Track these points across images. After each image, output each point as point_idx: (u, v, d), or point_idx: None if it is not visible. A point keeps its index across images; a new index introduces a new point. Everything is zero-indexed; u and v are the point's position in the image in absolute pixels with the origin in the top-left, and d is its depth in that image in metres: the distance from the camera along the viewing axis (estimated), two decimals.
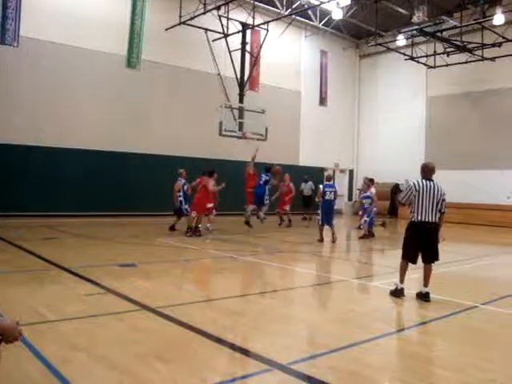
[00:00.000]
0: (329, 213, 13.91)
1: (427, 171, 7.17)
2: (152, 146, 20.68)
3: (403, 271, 7.22)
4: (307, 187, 23.39)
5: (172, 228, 14.98)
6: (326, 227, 13.96)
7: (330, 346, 4.87)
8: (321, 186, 14.40)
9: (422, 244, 7.07)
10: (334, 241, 13.82)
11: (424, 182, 7.02)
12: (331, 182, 14.45)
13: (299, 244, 14.13)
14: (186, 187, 15.00)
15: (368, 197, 15.78)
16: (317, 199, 14.47)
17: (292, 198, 19.58)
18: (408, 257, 7.19)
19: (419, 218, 6.96)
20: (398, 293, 7.16)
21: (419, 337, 5.56)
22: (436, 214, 6.95)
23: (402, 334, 5.54)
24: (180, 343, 4.92)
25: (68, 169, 18.67)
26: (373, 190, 16.06)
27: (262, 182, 16.75)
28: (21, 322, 2.36)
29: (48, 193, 18.03)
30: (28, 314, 5.51)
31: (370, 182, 16.48)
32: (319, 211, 14.06)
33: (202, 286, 8.08)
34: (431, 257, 7.11)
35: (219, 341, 4.91)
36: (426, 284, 7.06)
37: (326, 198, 13.79)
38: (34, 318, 5.42)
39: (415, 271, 7.70)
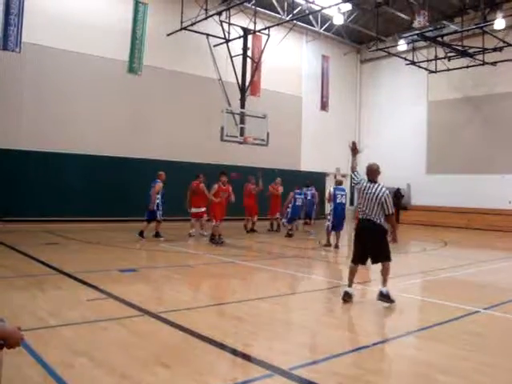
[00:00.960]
0: (341, 217, 13.80)
1: (370, 173, 7.18)
2: (153, 151, 20.71)
3: (351, 274, 7.14)
4: (308, 193, 23.31)
5: (141, 234, 14.21)
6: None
7: (332, 351, 4.86)
8: (331, 189, 14.23)
9: (366, 244, 7.00)
10: (337, 246, 13.74)
11: (366, 184, 7.05)
12: (342, 186, 14.27)
13: (302, 249, 14.10)
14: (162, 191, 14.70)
15: None
16: (327, 202, 14.45)
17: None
18: (355, 258, 7.13)
19: (360, 216, 7.06)
20: (345, 296, 7.00)
21: (421, 342, 5.55)
22: (379, 214, 6.87)
23: (403, 339, 5.52)
24: (181, 348, 4.91)
25: (69, 174, 18.71)
26: None
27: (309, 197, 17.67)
28: (22, 327, 2.37)
29: (49, 198, 18.02)
30: (29, 319, 5.52)
31: None
32: (329, 216, 13.90)
33: (203, 291, 8.08)
34: (377, 257, 7.00)
35: (221, 346, 4.90)
36: (383, 283, 6.96)
37: (338, 201, 13.59)
38: (36, 323, 5.43)
39: (414, 277, 7.67)
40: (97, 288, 7.37)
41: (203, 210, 15.20)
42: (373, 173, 7.15)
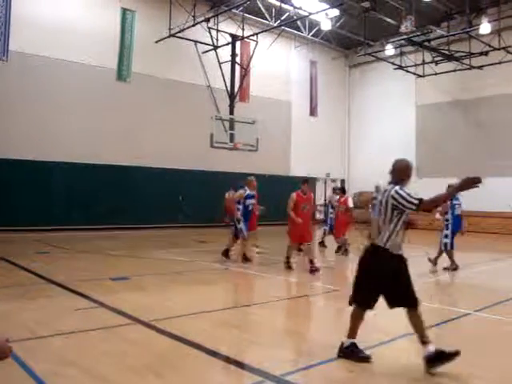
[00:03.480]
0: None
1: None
2: (144, 158, 20.65)
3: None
4: None
5: (226, 253, 11.83)
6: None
7: (325, 356, 4.85)
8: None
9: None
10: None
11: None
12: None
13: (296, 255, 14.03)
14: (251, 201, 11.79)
15: None
16: (439, 214, 11.76)
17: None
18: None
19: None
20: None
21: (415, 345, 5.54)
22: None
23: (397, 343, 5.53)
24: (173, 356, 4.88)
25: (59, 183, 18.60)
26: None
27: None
28: (11, 338, 2.34)
29: (39, 207, 17.90)
30: (19, 330, 5.45)
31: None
32: (447, 231, 12.52)
33: (194, 298, 8.04)
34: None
35: (213, 353, 4.88)
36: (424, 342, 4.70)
37: (456, 212, 11.80)
38: (25, 334, 5.36)
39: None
40: (87, 297, 7.31)
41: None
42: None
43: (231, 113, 20.76)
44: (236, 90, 21.53)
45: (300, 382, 4.22)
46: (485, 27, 20.65)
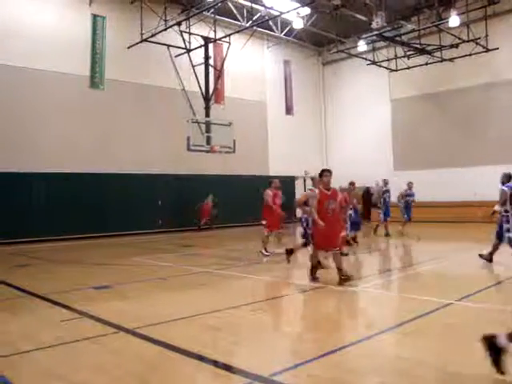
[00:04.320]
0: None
1: None
2: (120, 164, 20.50)
3: None
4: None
5: (290, 252, 11.02)
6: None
7: (311, 355, 4.87)
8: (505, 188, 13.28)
9: None
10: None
11: None
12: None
13: (275, 254, 14.04)
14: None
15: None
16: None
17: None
18: None
19: None
20: None
21: (399, 338, 5.59)
22: None
23: (381, 337, 5.55)
24: (160, 364, 4.85)
25: (33, 193, 18.36)
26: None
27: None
28: None
29: (16, 218, 17.64)
30: (2, 346, 5.37)
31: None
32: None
33: (179, 303, 7.99)
34: None
35: (199, 357, 4.86)
36: None
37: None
38: (8, 349, 5.28)
39: (387, 274, 7.72)
40: (70, 308, 7.23)
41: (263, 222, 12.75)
42: None
43: (207, 115, 20.71)
44: (211, 92, 21.48)
45: (289, 381, 4.23)
46: (454, 20, 20.91)
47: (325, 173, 8.86)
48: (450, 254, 12.89)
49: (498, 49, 21.84)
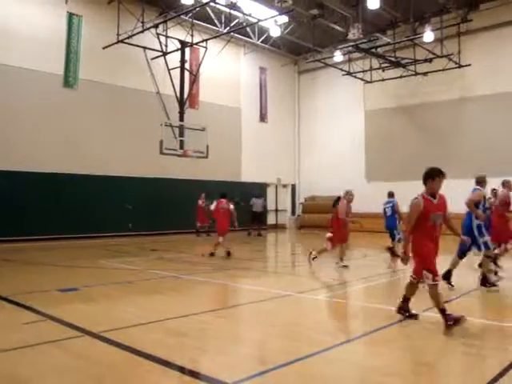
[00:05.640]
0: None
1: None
2: (92, 166, 20.19)
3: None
4: (259, 203, 23.50)
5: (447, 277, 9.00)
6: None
7: (278, 362, 4.82)
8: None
9: None
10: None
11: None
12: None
13: (244, 261, 14.03)
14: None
15: None
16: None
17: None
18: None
19: None
20: None
21: (365, 347, 5.61)
22: None
23: (347, 346, 5.56)
24: (125, 369, 4.75)
25: (1, 192, 17.86)
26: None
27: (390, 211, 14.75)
28: None
29: None
30: None
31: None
32: None
33: (146, 307, 7.89)
34: None
35: (165, 363, 4.78)
36: None
37: None
38: None
39: (355, 284, 7.71)
40: (34, 310, 7.06)
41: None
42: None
43: (181, 119, 20.61)
44: (186, 96, 21.39)
45: None
46: (428, 35, 21.37)
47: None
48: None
49: (470, 65, 22.28)
